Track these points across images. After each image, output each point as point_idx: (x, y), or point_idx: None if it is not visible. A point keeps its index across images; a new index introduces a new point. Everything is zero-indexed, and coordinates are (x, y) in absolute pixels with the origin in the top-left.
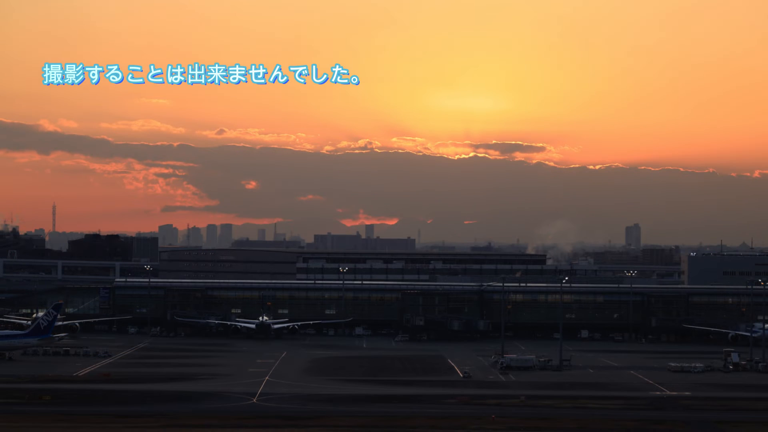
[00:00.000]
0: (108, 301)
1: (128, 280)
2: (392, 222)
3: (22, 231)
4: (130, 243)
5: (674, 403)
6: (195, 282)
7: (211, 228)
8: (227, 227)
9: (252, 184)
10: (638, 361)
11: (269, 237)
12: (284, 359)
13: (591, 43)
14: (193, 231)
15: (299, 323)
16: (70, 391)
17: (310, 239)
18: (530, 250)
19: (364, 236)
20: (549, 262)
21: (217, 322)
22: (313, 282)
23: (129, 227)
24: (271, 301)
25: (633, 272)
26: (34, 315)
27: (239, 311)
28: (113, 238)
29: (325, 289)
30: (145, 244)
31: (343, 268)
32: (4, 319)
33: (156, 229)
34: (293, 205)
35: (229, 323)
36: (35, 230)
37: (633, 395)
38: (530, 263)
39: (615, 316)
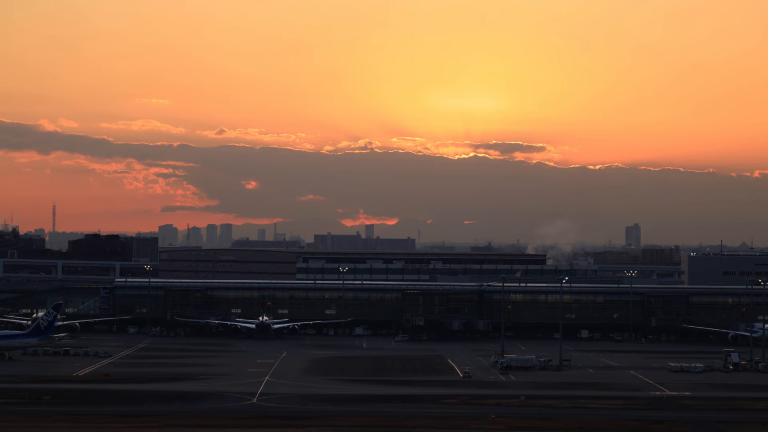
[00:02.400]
0: (108, 301)
1: (128, 280)
2: (392, 222)
3: (22, 231)
4: (130, 243)
5: (674, 403)
6: (195, 282)
7: (211, 228)
8: (227, 227)
9: (252, 184)
10: (638, 361)
11: (269, 237)
12: (284, 359)
13: (591, 43)
14: (193, 231)
15: (299, 323)
16: (70, 391)
17: (310, 239)
18: (530, 250)
19: (364, 236)
20: (549, 262)
21: (217, 322)
22: (313, 282)
23: (129, 227)
24: (271, 301)
25: (633, 272)
26: (34, 315)
27: (239, 311)
28: (113, 238)
29: (325, 289)
30: (145, 244)
31: (343, 268)
32: (4, 319)
33: (156, 229)
34: (293, 205)
35: (229, 323)
36: (35, 230)
37: (633, 395)
38: (530, 263)
39: (615, 316)
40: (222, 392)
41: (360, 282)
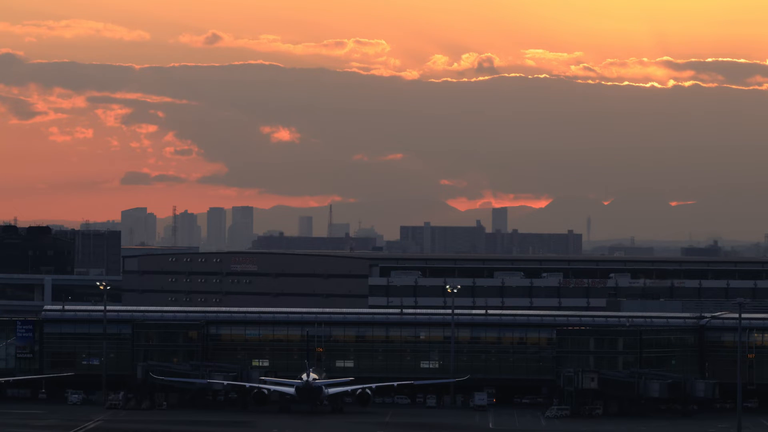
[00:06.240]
0: (30, 346)
1: (67, 307)
2: (540, 204)
3: None
4: (71, 241)
5: None
6: (186, 311)
7: (213, 214)
8: (243, 213)
9: (285, 134)
10: None
11: (319, 230)
12: None
13: None
14: (184, 220)
15: (374, 385)
16: None
17: (392, 234)
18: None
19: (490, 229)
20: None
21: (226, 383)
22: (398, 311)
23: (68, 212)
24: (324, 346)
25: None
26: None
27: (266, 363)
28: (40, 233)
29: (421, 323)
30: (98, 242)
31: (453, 287)
32: None
33: (117, 217)
34: (359, 172)
35: (247, 385)
36: None
37: None
38: None
39: None
40: None
41: (483, 311)
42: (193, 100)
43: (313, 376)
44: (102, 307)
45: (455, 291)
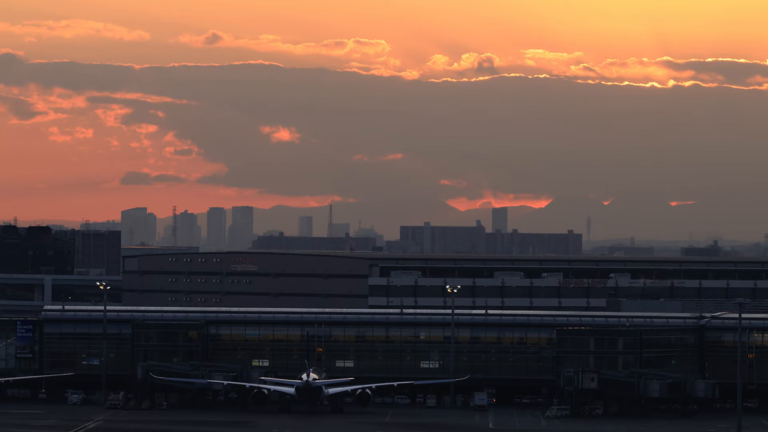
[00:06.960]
0: (30, 346)
1: (67, 307)
2: (540, 204)
3: None
4: (71, 241)
5: None
6: (186, 311)
7: (213, 214)
8: (243, 213)
9: (285, 134)
10: None
11: (319, 230)
12: None
13: None
14: (184, 220)
15: (374, 385)
16: None
17: (392, 234)
18: None
19: (490, 229)
20: None
21: (226, 383)
22: (398, 311)
23: (67, 212)
24: (324, 346)
25: None
26: None
27: (266, 363)
28: (40, 233)
29: (421, 323)
30: (98, 242)
31: (453, 287)
32: None
33: (117, 217)
34: (359, 172)
35: (247, 385)
36: None
37: None
38: None
39: None
40: None
41: (483, 311)
42: (193, 100)
43: (313, 376)
44: (102, 307)
45: (455, 291)
